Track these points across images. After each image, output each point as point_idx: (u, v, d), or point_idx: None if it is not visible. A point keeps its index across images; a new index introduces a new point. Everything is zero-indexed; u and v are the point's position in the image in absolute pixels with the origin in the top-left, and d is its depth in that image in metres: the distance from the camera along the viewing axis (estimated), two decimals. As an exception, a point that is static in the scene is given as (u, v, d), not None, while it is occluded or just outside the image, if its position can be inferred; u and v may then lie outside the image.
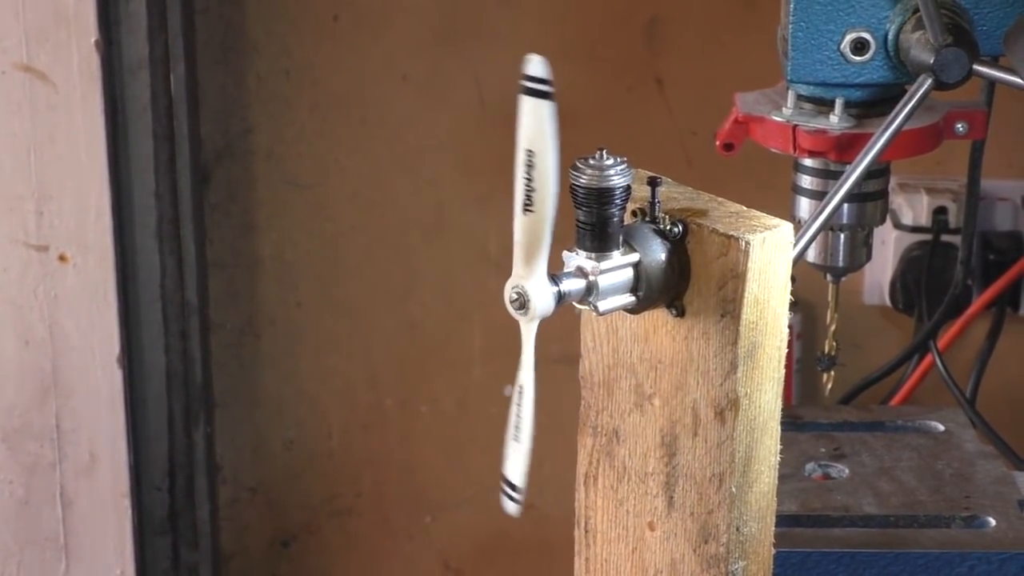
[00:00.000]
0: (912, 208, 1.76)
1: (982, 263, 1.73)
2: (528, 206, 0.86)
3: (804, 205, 1.25)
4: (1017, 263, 1.73)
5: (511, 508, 0.90)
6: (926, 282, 1.73)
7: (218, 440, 2.00)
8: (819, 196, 1.23)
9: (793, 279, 0.89)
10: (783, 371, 0.91)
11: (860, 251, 1.27)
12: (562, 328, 1.93)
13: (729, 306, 0.87)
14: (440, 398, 1.99)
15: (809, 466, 1.32)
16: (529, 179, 0.86)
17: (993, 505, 1.25)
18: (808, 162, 1.24)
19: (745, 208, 0.90)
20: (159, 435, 1.94)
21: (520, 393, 0.85)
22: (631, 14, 1.83)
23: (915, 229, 1.77)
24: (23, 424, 1.89)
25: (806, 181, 1.24)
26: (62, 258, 1.83)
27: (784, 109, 1.21)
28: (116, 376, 1.88)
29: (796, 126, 1.20)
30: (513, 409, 0.85)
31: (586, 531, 1.02)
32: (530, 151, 0.85)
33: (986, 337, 1.77)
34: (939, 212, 1.77)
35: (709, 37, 1.83)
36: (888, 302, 1.83)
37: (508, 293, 0.86)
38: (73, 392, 1.88)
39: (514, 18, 1.84)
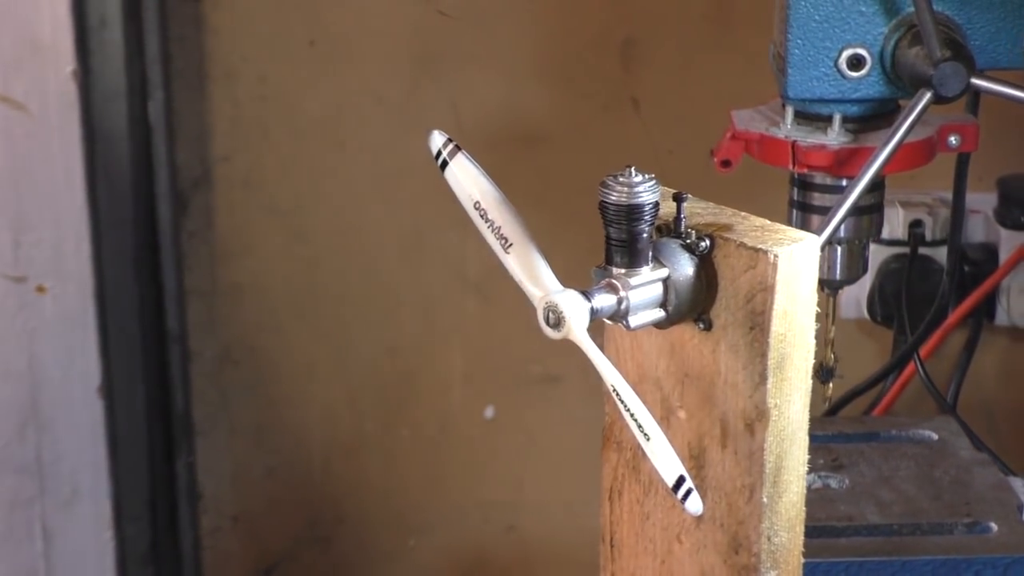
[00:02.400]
0: (889, 222, 1.78)
1: (958, 274, 1.75)
2: (506, 245, 0.88)
3: (798, 218, 1.27)
4: (992, 274, 1.76)
5: (694, 506, 0.87)
6: (906, 294, 1.75)
7: (199, 469, 1.99)
8: (818, 212, 1.25)
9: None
10: (810, 382, 0.92)
11: (857, 264, 1.29)
12: (543, 349, 1.95)
13: (758, 319, 0.88)
14: (421, 422, 2.00)
15: (809, 477, 1.33)
16: (491, 223, 0.88)
17: (993, 510, 1.28)
18: (804, 178, 1.26)
19: (769, 222, 0.92)
20: (140, 466, 1.93)
21: (618, 396, 0.86)
22: (606, 35, 1.85)
23: (892, 242, 1.79)
24: (3, 458, 1.88)
25: (803, 196, 1.26)
26: (40, 289, 1.83)
27: (782, 125, 1.23)
28: (97, 407, 1.88)
29: (795, 142, 1.22)
30: (624, 415, 0.85)
31: (612, 545, 1.03)
32: (476, 203, 0.89)
33: (964, 347, 1.80)
34: (915, 225, 1.79)
35: (684, 57, 1.85)
36: (866, 315, 1.85)
37: (541, 313, 0.86)
38: (53, 424, 1.88)
39: (490, 40, 1.85)
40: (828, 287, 1.30)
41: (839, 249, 1.27)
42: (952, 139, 1.25)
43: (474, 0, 1.85)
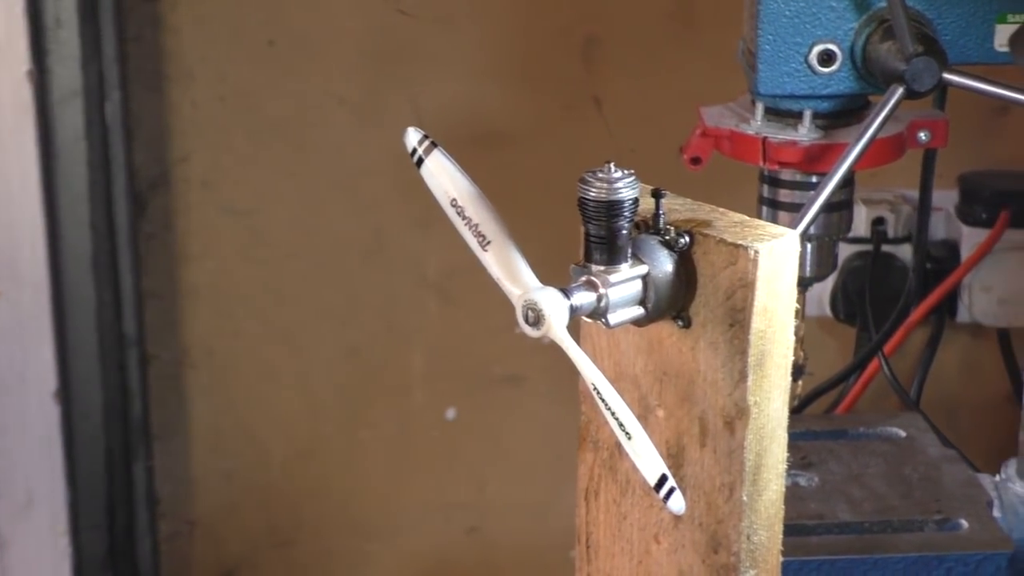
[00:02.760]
0: (849, 218, 1.79)
1: (923, 271, 1.75)
2: (483, 242, 0.87)
3: (768, 215, 1.26)
4: (954, 271, 1.76)
5: (677, 505, 0.85)
6: (869, 292, 1.75)
7: (157, 474, 1.97)
8: (788, 209, 1.25)
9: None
10: (789, 379, 0.91)
11: (827, 260, 1.28)
12: (504, 350, 1.95)
13: (738, 315, 0.87)
14: (382, 424, 1.99)
15: (778, 477, 1.34)
16: (468, 220, 0.87)
17: (963, 507, 1.27)
18: (773, 174, 1.25)
19: (747, 217, 0.91)
20: (97, 471, 1.91)
21: (599, 394, 0.84)
22: (568, 33, 1.84)
23: (854, 240, 1.79)
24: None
25: (773, 192, 1.26)
26: (-5, 292, 1.81)
27: (752, 122, 1.23)
28: (53, 412, 1.86)
29: (766, 138, 1.21)
30: (606, 415, 0.84)
31: (587, 546, 1.01)
32: (452, 199, 0.88)
33: (927, 344, 1.80)
34: (878, 223, 1.79)
35: (646, 55, 1.85)
36: (828, 312, 1.85)
37: (520, 311, 0.85)
38: (8, 430, 1.85)
39: (451, 39, 1.84)
40: (798, 284, 1.29)
41: (809, 246, 1.26)
42: (922, 135, 1.24)
43: (435, -1, 1.84)
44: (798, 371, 1.37)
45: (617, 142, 1.87)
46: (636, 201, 0.87)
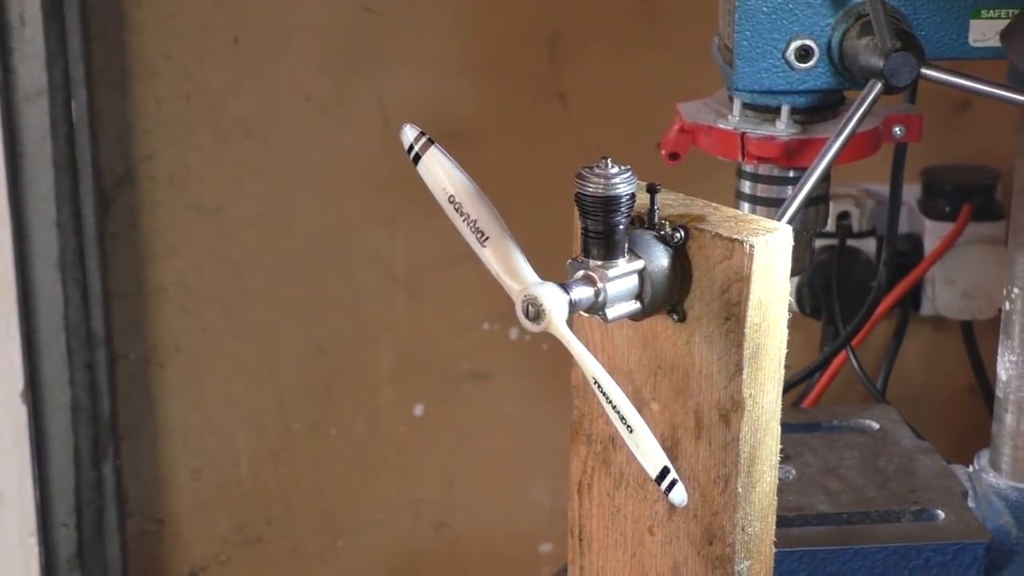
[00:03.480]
0: (815, 213, 1.80)
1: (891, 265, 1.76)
2: (482, 238, 0.87)
3: (747, 210, 1.26)
4: (918, 265, 1.78)
5: (679, 497, 0.85)
6: (836, 286, 1.76)
7: (125, 473, 1.96)
8: (765, 202, 1.25)
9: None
10: (783, 371, 0.92)
11: (804, 255, 1.29)
12: (472, 347, 1.95)
13: (734, 309, 0.88)
14: (349, 421, 1.98)
15: (756, 469, 1.34)
16: (466, 216, 0.87)
17: (939, 498, 1.29)
18: (750, 168, 1.26)
19: (740, 212, 0.92)
20: (66, 471, 1.90)
21: (599, 388, 0.84)
22: (534, 30, 1.84)
23: (819, 235, 1.80)
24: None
25: (751, 187, 1.26)
26: (-39, 293, 1.79)
27: (730, 117, 1.23)
28: (20, 412, 1.84)
29: (744, 134, 1.22)
30: (606, 408, 0.84)
31: (580, 539, 1.02)
32: (450, 195, 0.88)
33: (892, 336, 1.82)
34: (842, 217, 1.80)
35: (611, 52, 1.85)
36: (794, 307, 1.86)
37: (520, 306, 0.85)
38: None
39: (417, 36, 1.84)
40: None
41: (787, 241, 1.27)
42: (897, 129, 1.25)
43: (401, -5, 1.84)
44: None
45: (582, 138, 1.87)
46: (633, 196, 0.87)
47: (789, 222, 1.15)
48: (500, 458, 2.00)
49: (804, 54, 1.18)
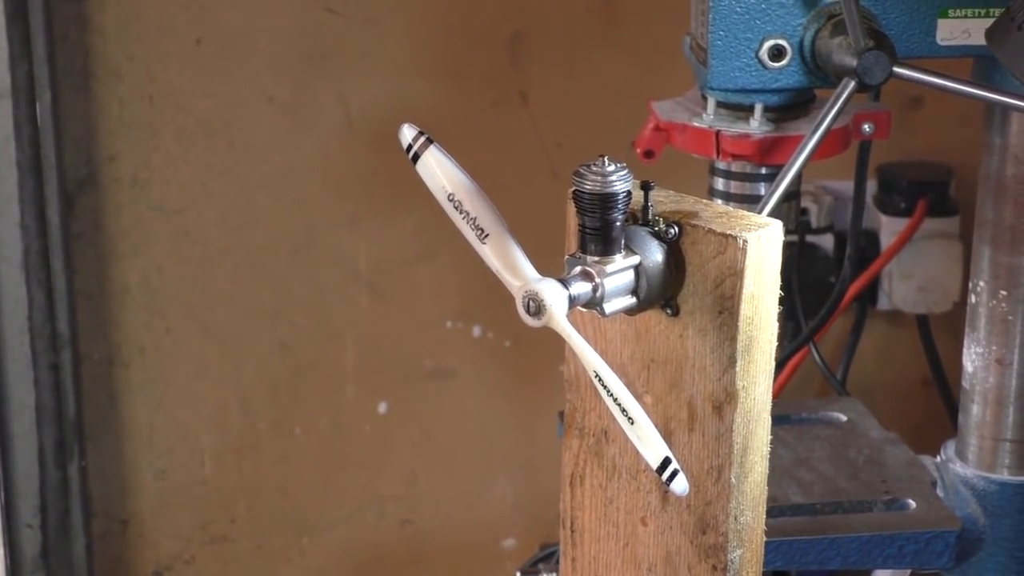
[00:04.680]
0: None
1: (842, 260, 1.78)
2: (482, 235, 0.87)
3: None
4: (875, 260, 1.79)
5: (680, 487, 0.85)
6: (796, 281, 1.78)
7: (89, 473, 1.95)
8: (739, 199, 1.26)
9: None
10: (774, 363, 0.93)
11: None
12: (435, 344, 1.95)
13: (727, 303, 0.89)
14: (314, 419, 1.98)
15: (729, 460, 1.35)
16: (465, 214, 0.88)
17: (910, 488, 1.30)
18: (723, 166, 1.27)
19: (731, 208, 0.93)
20: (31, 471, 1.88)
21: (600, 381, 0.85)
22: (494, 30, 1.85)
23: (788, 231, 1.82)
24: None
25: (725, 185, 1.27)
26: (-75, 294, 1.78)
27: (705, 115, 1.24)
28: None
29: (719, 132, 1.23)
30: (607, 400, 0.85)
31: (572, 531, 1.02)
32: (449, 194, 0.89)
33: (851, 330, 1.83)
34: (801, 214, 1.82)
35: (571, 51, 1.86)
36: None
37: (521, 302, 0.86)
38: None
39: (379, 37, 1.84)
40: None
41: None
42: (866, 127, 1.27)
43: (363, -1, 1.84)
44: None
45: (543, 137, 1.88)
46: (629, 194, 0.88)
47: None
48: (463, 455, 2.00)
49: (777, 53, 1.19)
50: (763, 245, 0.89)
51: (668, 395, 0.94)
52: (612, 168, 0.88)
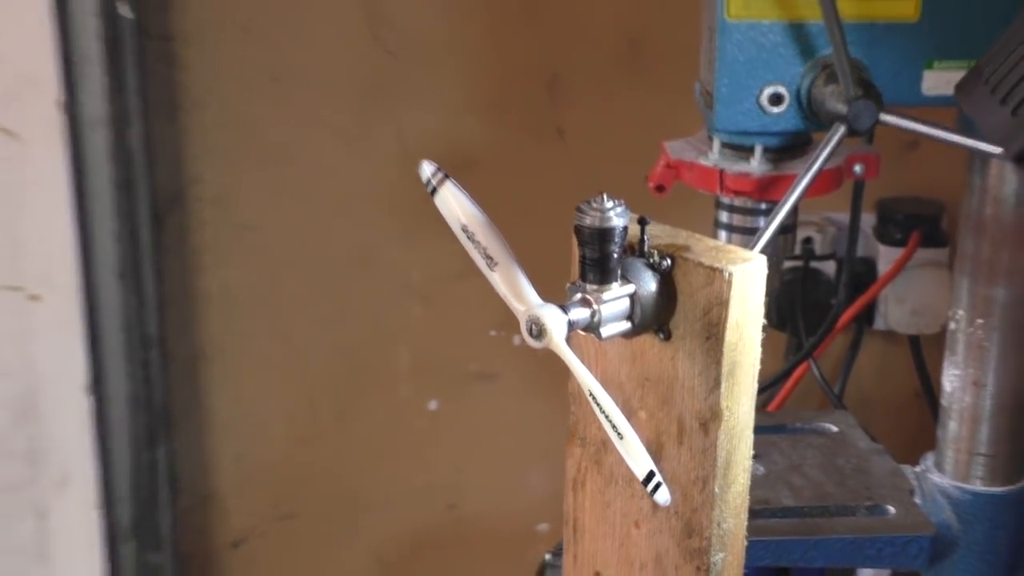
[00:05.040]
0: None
1: (850, 285, 1.73)
2: (491, 263, 0.84)
3: (724, 237, 1.23)
4: (872, 284, 1.74)
5: (663, 498, 0.83)
6: (800, 304, 1.73)
7: (176, 455, 1.93)
8: (740, 231, 1.22)
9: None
10: (756, 385, 0.89)
11: (773, 277, 1.25)
12: (480, 350, 1.91)
13: (714, 330, 0.85)
14: (371, 413, 1.95)
15: (729, 465, 1.31)
16: (477, 244, 0.84)
17: (891, 495, 1.25)
18: (727, 200, 1.22)
19: (721, 243, 0.88)
20: (125, 453, 1.87)
21: (594, 399, 0.81)
22: (534, 71, 1.81)
23: (786, 257, 1.77)
24: (1, 447, 1.81)
25: (728, 217, 1.23)
26: (33, 297, 1.76)
27: (710, 155, 1.20)
28: (85, 403, 1.82)
29: (722, 170, 1.18)
30: (600, 417, 0.81)
31: (574, 529, 0.99)
32: (463, 225, 0.85)
33: (848, 348, 1.78)
34: (807, 242, 1.77)
35: (602, 91, 1.82)
36: (764, 321, 1.82)
37: (524, 325, 0.82)
38: (46, 418, 1.81)
39: (431, 76, 1.81)
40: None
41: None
42: (857, 168, 1.22)
43: (417, 40, 1.80)
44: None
45: (577, 168, 1.84)
46: (626, 228, 0.84)
47: (763, 250, 1.12)
48: (503, 448, 1.97)
49: (776, 100, 1.15)
50: (747, 278, 0.85)
51: (660, 411, 0.90)
52: (610, 205, 0.84)
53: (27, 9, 1.67)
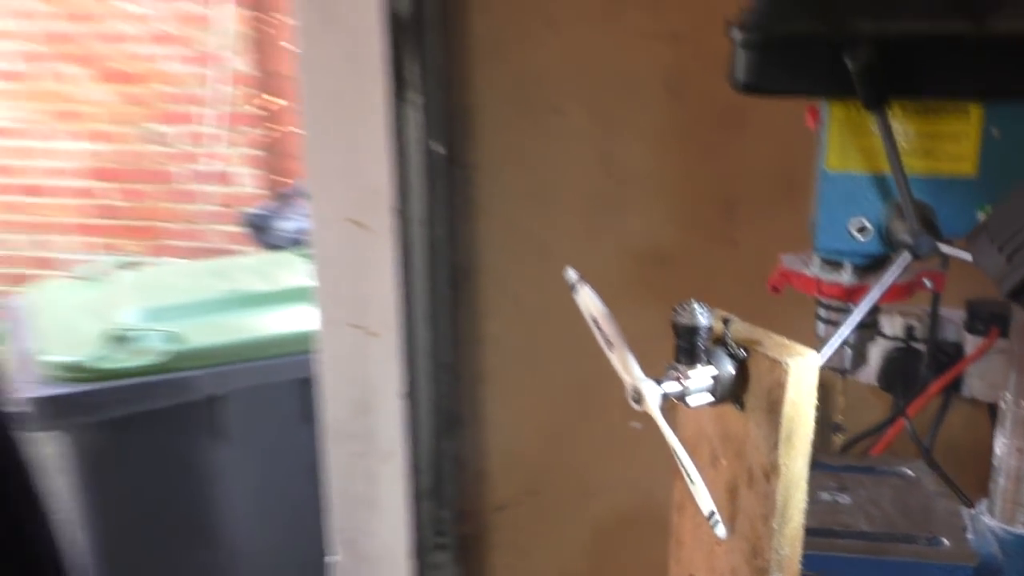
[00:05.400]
0: (891, 324, 1.60)
1: (937, 361, 1.56)
2: (610, 346, 0.78)
3: (822, 328, 1.12)
4: (960, 362, 1.56)
5: (720, 532, 0.77)
6: (901, 373, 1.57)
7: (463, 444, 1.92)
8: (834, 324, 1.10)
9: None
10: (810, 448, 0.79)
11: (860, 359, 1.13)
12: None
13: (775, 405, 0.76)
14: (594, 427, 1.88)
15: (823, 494, 1.19)
16: (601, 331, 0.78)
17: (947, 530, 1.11)
18: (826, 301, 1.11)
19: (787, 340, 0.79)
20: (427, 441, 1.87)
21: (676, 454, 0.75)
22: (716, 195, 1.72)
23: (893, 338, 1.61)
24: (346, 430, 1.84)
25: (826, 314, 1.12)
26: (372, 333, 1.78)
27: (812, 267, 1.09)
28: (401, 405, 1.82)
29: (819, 279, 1.08)
30: (680, 467, 0.75)
31: (677, 542, 0.90)
32: (593, 318, 0.78)
33: (939, 410, 1.60)
34: (909, 328, 1.60)
35: (767, 214, 1.70)
36: (875, 383, 1.66)
37: (629, 393, 0.75)
38: (376, 412, 1.83)
39: (642, 197, 1.73)
40: (841, 373, 1.15)
41: (848, 350, 1.12)
42: (926, 282, 1.09)
43: (633, 170, 1.73)
44: (837, 427, 1.23)
45: (746, 270, 1.73)
46: (709, 327, 0.76)
47: (845, 342, 1.01)
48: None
49: (862, 230, 1.04)
50: (802, 368, 0.75)
51: (736, 461, 0.81)
52: (697, 308, 0.76)
53: (378, 147, 1.70)
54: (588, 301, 0.82)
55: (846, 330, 0.97)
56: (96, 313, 2.76)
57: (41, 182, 5.34)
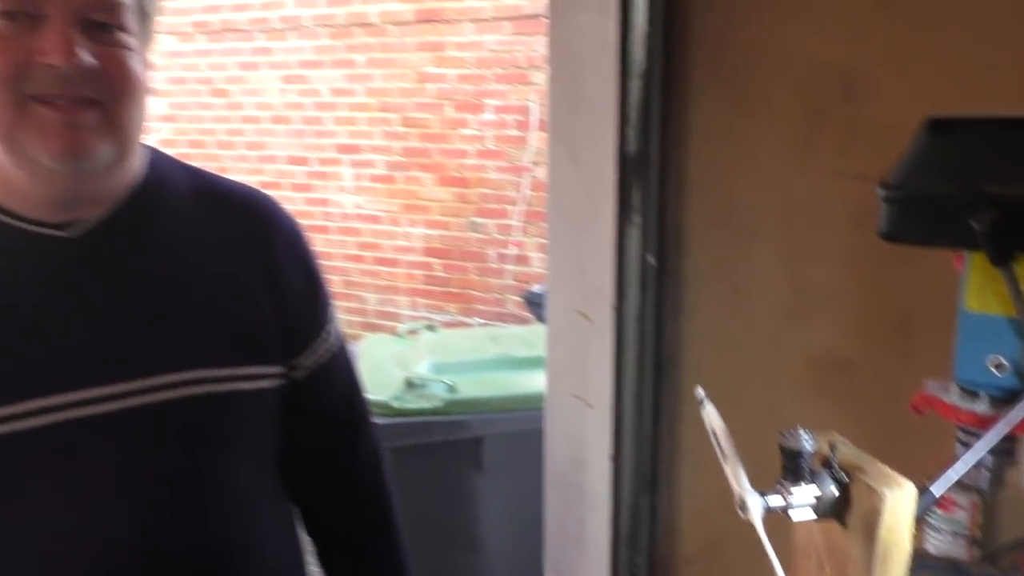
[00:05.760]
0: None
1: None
2: (724, 457, 0.75)
3: (960, 450, 1.01)
4: None
5: None
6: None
7: (655, 501, 1.87)
8: (970, 448, 0.99)
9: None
10: (904, 566, 0.72)
11: (997, 481, 1.00)
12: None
13: (872, 529, 0.70)
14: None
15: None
16: (719, 443, 0.75)
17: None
18: (962, 426, 1.00)
19: (889, 470, 0.73)
20: (627, 498, 1.83)
21: (771, 561, 0.71)
22: (889, 307, 1.58)
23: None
24: (564, 480, 1.85)
25: (964, 437, 1.00)
26: (588, 405, 1.79)
27: (951, 395, 0.99)
28: (609, 465, 1.81)
29: (957, 407, 0.97)
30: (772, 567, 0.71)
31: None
32: (713, 432, 0.75)
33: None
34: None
35: (936, 333, 1.54)
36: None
37: (736, 501, 0.72)
38: (589, 469, 1.83)
39: (826, 306, 1.63)
40: (981, 496, 1.02)
41: (985, 472, 0.99)
42: (1062, 418, 0.95)
43: (820, 283, 1.63)
44: (973, 541, 1.09)
45: (917, 377, 1.57)
46: (813, 452, 0.72)
47: (984, 466, 0.90)
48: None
49: (999, 366, 0.93)
50: (899, 497, 0.70)
51: (839, 573, 0.75)
52: (802, 434, 0.72)
53: (604, 256, 1.73)
54: (711, 417, 0.80)
55: (972, 457, 0.87)
56: (401, 363, 2.98)
57: (392, 256, 5.92)
